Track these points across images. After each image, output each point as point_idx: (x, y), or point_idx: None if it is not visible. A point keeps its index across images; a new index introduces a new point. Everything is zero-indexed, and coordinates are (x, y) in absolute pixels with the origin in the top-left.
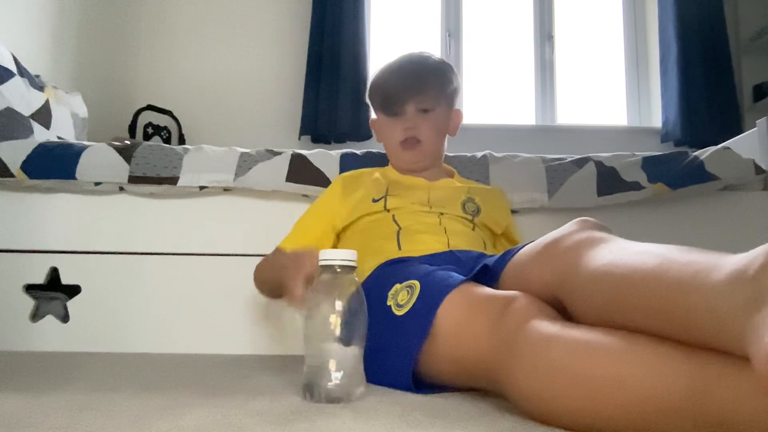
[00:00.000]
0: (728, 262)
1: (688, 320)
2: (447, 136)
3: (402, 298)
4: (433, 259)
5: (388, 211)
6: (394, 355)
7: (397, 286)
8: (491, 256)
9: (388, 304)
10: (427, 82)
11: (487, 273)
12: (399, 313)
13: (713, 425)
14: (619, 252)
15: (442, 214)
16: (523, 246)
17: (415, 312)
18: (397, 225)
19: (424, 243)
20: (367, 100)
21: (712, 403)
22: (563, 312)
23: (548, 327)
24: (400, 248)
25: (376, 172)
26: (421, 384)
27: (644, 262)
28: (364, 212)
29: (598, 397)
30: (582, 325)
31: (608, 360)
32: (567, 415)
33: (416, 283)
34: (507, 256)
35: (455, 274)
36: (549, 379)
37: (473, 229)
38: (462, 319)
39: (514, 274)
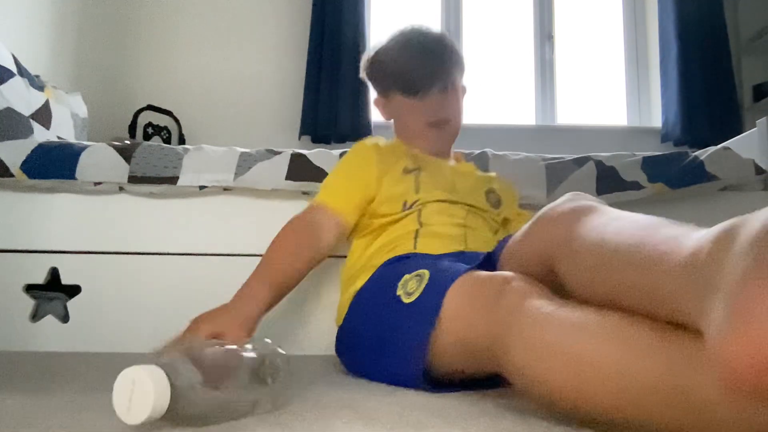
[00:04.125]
0: (688, 244)
1: (656, 298)
2: None
3: (411, 286)
4: (444, 257)
5: (418, 191)
6: (403, 343)
7: (407, 276)
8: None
9: (398, 293)
10: (448, 61)
11: (490, 263)
12: (408, 300)
13: (686, 407)
14: (606, 225)
15: (469, 207)
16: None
17: (423, 298)
18: (419, 223)
19: (441, 247)
20: (366, 78)
21: (686, 383)
22: (556, 282)
23: (543, 306)
24: (415, 248)
25: (393, 142)
26: (428, 377)
27: (624, 238)
28: (394, 192)
29: (582, 376)
30: (573, 302)
31: (592, 341)
32: (557, 392)
33: (425, 272)
34: (504, 240)
35: (462, 264)
36: (542, 357)
37: (496, 232)
38: (465, 303)
39: (510, 254)
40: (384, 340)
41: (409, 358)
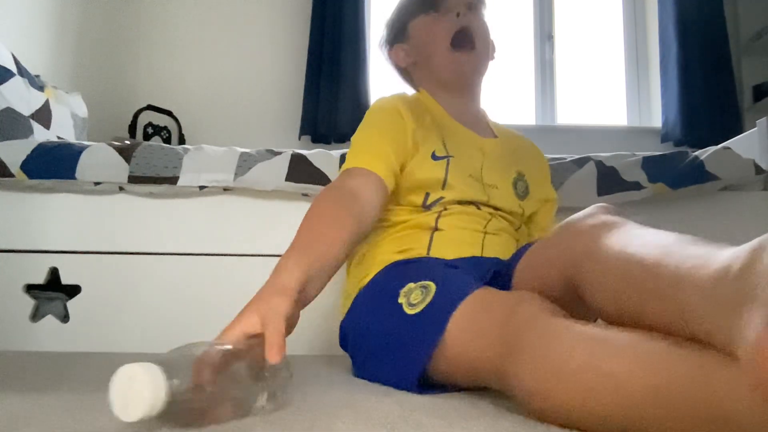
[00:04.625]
0: (718, 259)
1: (682, 315)
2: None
3: (415, 297)
4: (457, 262)
5: (444, 187)
6: (402, 353)
7: (411, 285)
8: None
9: (400, 301)
10: None
11: (502, 276)
12: (411, 312)
13: (712, 421)
14: (630, 240)
15: (493, 210)
16: (537, 240)
17: (428, 313)
18: (436, 226)
19: (456, 252)
20: (385, 39)
21: (711, 398)
22: (572, 299)
23: (555, 322)
24: (428, 253)
25: (412, 99)
26: (424, 383)
27: (648, 253)
28: (420, 178)
29: (595, 394)
30: (589, 322)
31: (607, 356)
32: (569, 412)
33: (431, 285)
34: (521, 251)
35: (472, 279)
36: (551, 373)
37: (518, 229)
38: (474, 322)
39: (529, 263)
40: (382, 346)
41: (407, 369)
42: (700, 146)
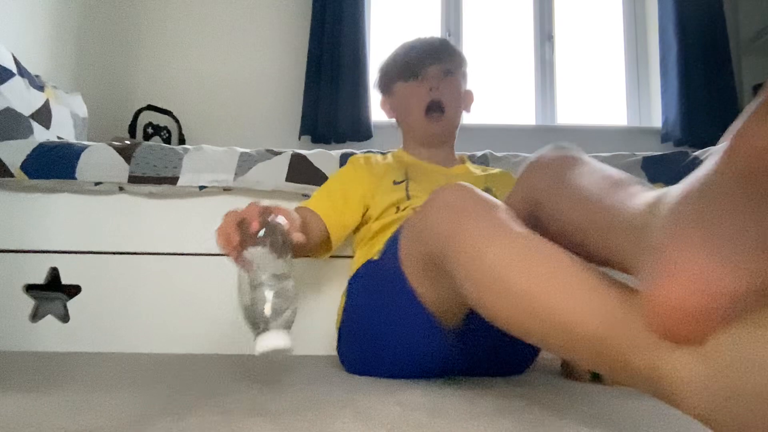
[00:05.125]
0: (634, 206)
1: (609, 250)
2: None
3: (378, 248)
4: None
5: (409, 198)
6: (384, 292)
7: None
8: None
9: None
10: (448, 48)
11: None
12: (377, 257)
13: (612, 358)
14: (583, 175)
15: None
16: None
17: (387, 246)
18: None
19: None
20: (376, 86)
21: (616, 336)
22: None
23: (492, 217)
24: None
25: (389, 155)
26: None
27: (594, 191)
28: (386, 202)
29: (521, 309)
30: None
31: (536, 278)
32: (495, 315)
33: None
34: None
35: None
36: (482, 285)
37: None
38: (415, 225)
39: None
40: (376, 323)
41: (410, 305)
42: (700, 146)
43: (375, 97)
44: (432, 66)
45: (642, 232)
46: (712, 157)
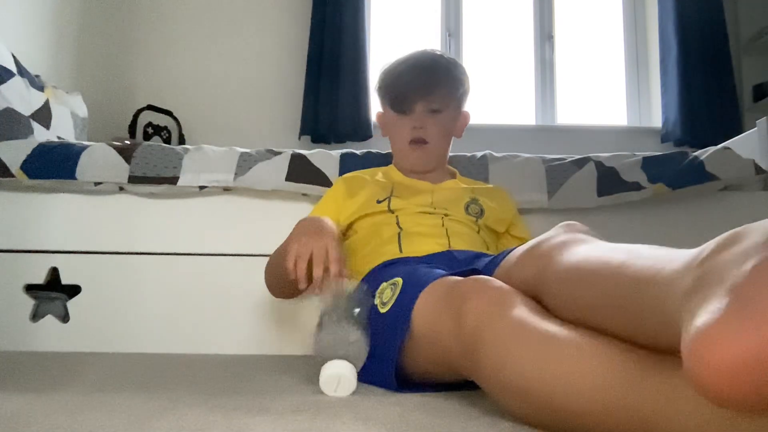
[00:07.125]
0: (685, 254)
1: (641, 314)
2: (453, 137)
3: (386, 295)
4: (431, 259)
5: (392, 212)
6: (381, 353)
7: (384, 284)
8: (489, 256)
9: (375, 302)
10: (438, 83)
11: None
12: (383, 310)
13: (636, 423)
14: (591, 250)
15: (445, 215)
16: (515, 248)
17: (395, 309)
18: (399, 227)
19: (425, 244)
20: (375, 93)
21: (639, 399)
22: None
23: (505, 323)
24: (401, 251)
25: (379, 173)
26: (409, 382)
27: (611, 258)
28: (368, 211)
29: (547, 405)
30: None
31: (555, 359)
32: (527, 411)
33: (399, 280)
34: (499, 258)
35: (438, 270)
36: (509, 390)
37: (478, 231)
38: (431, 312)
39: (501, 276)
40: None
41: (384, 369)
42: (700, 146)
43: (375, 98)
44: (419, 103)
45: (703, 269)
46: None
